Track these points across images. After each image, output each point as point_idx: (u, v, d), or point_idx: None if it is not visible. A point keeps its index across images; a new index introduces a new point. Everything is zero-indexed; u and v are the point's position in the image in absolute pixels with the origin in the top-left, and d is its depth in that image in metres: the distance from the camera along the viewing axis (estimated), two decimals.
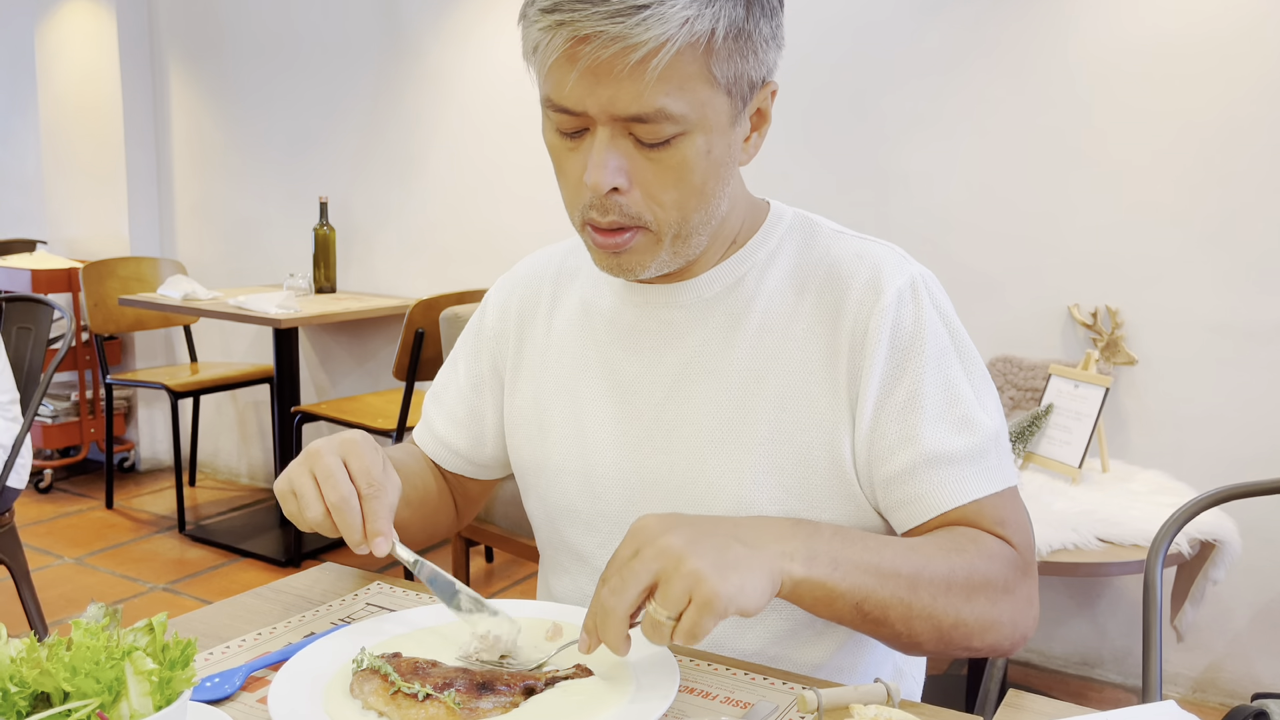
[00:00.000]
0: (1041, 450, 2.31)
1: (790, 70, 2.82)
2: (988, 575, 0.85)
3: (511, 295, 1.12)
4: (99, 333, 3.73)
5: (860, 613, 0.80)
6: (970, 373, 0.93)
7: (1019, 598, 0.88)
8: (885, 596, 0.81)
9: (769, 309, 0.96)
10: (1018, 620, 0.88)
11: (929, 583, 0.83)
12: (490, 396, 1.11)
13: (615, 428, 1.00)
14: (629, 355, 1.00)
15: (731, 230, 0.98)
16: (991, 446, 0.91)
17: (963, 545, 0.86)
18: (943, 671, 2.63)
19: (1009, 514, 0.91)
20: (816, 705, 0.69)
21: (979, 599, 0.84)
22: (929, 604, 0.82)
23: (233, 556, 3.33)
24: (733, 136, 0.89)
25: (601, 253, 0.91)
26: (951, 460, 0.90)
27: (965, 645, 0.86)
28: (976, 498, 0.90)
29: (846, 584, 0.79)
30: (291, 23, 3.78)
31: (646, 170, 0.86)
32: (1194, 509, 1.13)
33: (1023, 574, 0.89)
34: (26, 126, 4.57)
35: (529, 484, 1.08)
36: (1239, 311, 2.36)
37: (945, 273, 2.68)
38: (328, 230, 3.58)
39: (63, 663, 0.63)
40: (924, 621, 0.83)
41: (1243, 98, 2.31)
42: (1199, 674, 2.49)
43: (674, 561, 0.71)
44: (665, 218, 0.88)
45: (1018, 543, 0.90)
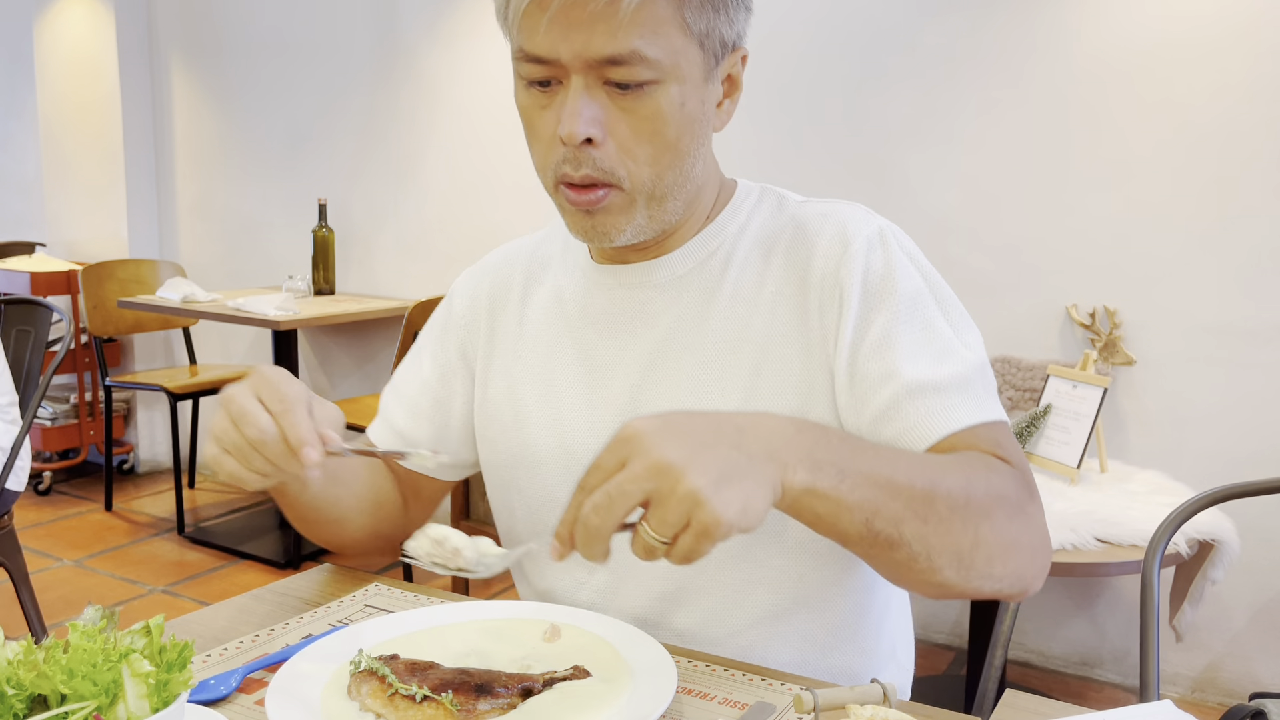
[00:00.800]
0: (1040, 451, 2.31)
1: (788, 70, 2.82)
2: (1003, 490, 0.80)
3: (480, 284, 1.09)
4: (98, 335, 3.73)
5: (870, 531, 0.73)
6: (948, 312, 0.91)
7: (1033, 521, 0.83)
8: (899, 511, 0.73)
9: (739, 279, 0.95)
10: (1036, 546, 0.82)
11: (946, 496, 0.75)
12: (459, 386, 1.08)
13: (591, 414, 0.98)
14: (603, 339, 0.98)
15: (705, 204, 0.97)
16: (977, 377, 0.88)
17: (971, 461, 0.81)
18: (941, 672, 2.63)
19: (1006, 442, 0.87)
20: (813, 705, 0.69)
21: (998, 514, 0.78)
22: (947, 520, 0.75)
23: (232, 558, 3.33)
24: (706, 94, 0.88)
25: (575, 214, 0.90)
26: (937, 389, 0.86)
27: (987, 572, 0.78)
28: (969, 424, 0.86)
29: (855, 496, 0.71)
30: (290, 25, 3.78)
31: (621, 122, 0.85)
32: (1192, 509, 1.13)
33: (1031, 497, 0.83)
34: (25, 129, 4.57)
35: (506, 478, 1.05)
36: (1237, 312, 2.36)
37: (944, 273, 2.68)
38: (326, 232, 3.58)
39: (60, 665, 0.63)
40: (942, 540, 0.75)
41: (1240, 98, 2.31)
42: (1198, 674, 2.49)
43: (670, 480, 0.64)
44: (639, 174, 0.87)
45: (1021, 469, 0.85)
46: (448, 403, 1.08)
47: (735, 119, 0.97)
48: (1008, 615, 1.04)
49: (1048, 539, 0.84)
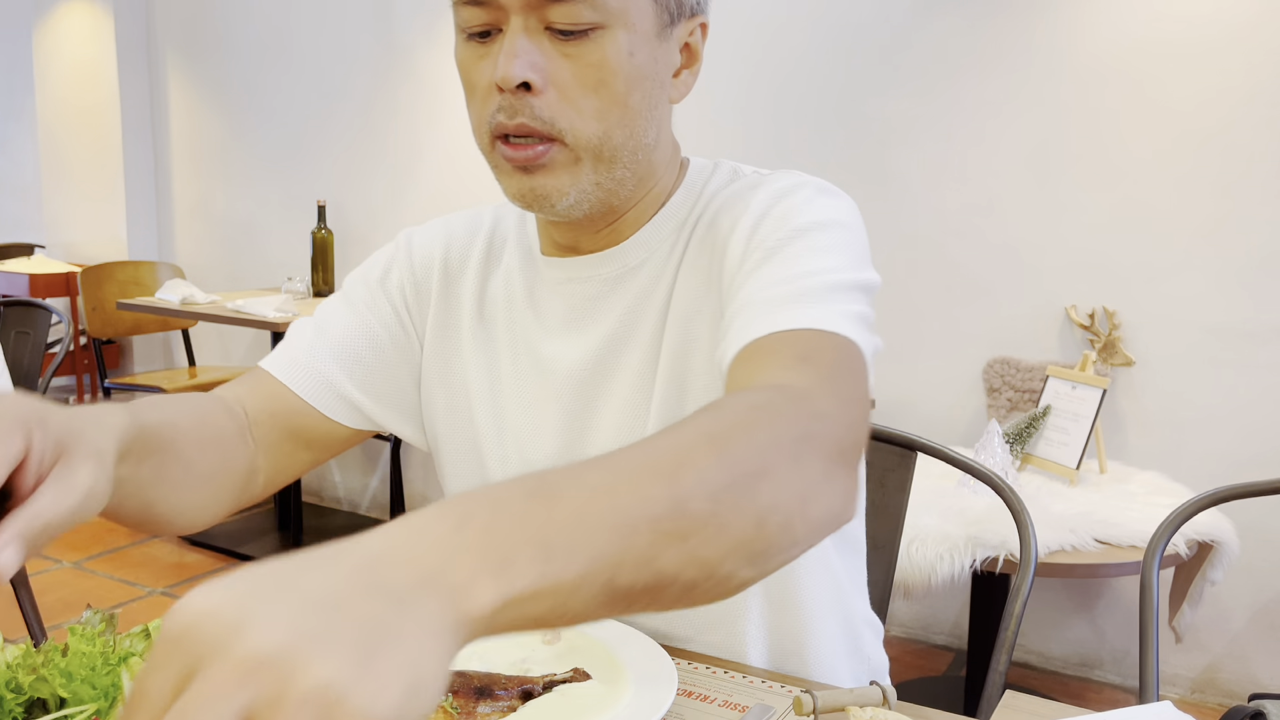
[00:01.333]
0: (1039, 451, 2.32)
1: (786, 71, 2.82)
2: (774, 428, 0.59)
3: (436, 243, 1.01)
4: (97, 337, 3.72)
5: (618, 591, 0.49)
6: (820, 240, 0.80)
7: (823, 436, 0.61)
8: (644, 547, 0.50)
9: (693, 265, 0.89)
10: (831, 457, 0.61)
11: (698, 486, 0.53)
12: (400, 337, 0.99)
13: (534, 413, 0.94)
14: (549, 338, 0.93)
15: (663, 186, 0.91)
16: (824, 293, 0.76)
17: (723, 411, 0.60)
18: (940, 673, 2.63)
19: (825, 355, 0.71)
20: (813, 708, 0.69)
21: (776, 465, 0.57)
22: (712, 516, 0.53)
23: (231, 560, 3.33)
24: (659, 52, 0.83)
25: (512, 174, 0.82)
26: (766, 302, 0.76)
27: (790, 538, 0.58)
28: (779, 329, 0.73)
29: (575, 568, 0.47)
30: (288, 28, 3.79)
31: (563, 69, 0.79)
32: (1190, 510, 1.13)
33: (812, 411, 0.63)
34: (24, 131, 4.57)
35: (450, 464, 1.00)
36: (1236, 313, 2.36)
37: (943, 274, 2.70)
38: (325, 233, 3.58)
39: (59, 669, 0.63)
40: (716, 545, 0.53)
41: (1240, 100, 2.32)
42: (1197, 674, 2.49)
43: (278, 681, 0.36)
44: (584, 129, 0.80)
45: (819, 380, 0.68)
46: (386, 351, 0.97)
47: (732, 120, 0.97)
48: (1012, 620, 1.04)
49: (848, 418, 0.65)
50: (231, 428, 0.86)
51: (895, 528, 1.23)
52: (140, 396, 4.23)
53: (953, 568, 1.92)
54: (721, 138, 2.86)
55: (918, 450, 1.20)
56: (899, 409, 2.71)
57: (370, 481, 3.77)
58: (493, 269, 0.99)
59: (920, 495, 1.27)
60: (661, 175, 0.91)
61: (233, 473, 0.85)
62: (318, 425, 0.94)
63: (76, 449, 0.60)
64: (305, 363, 0.94)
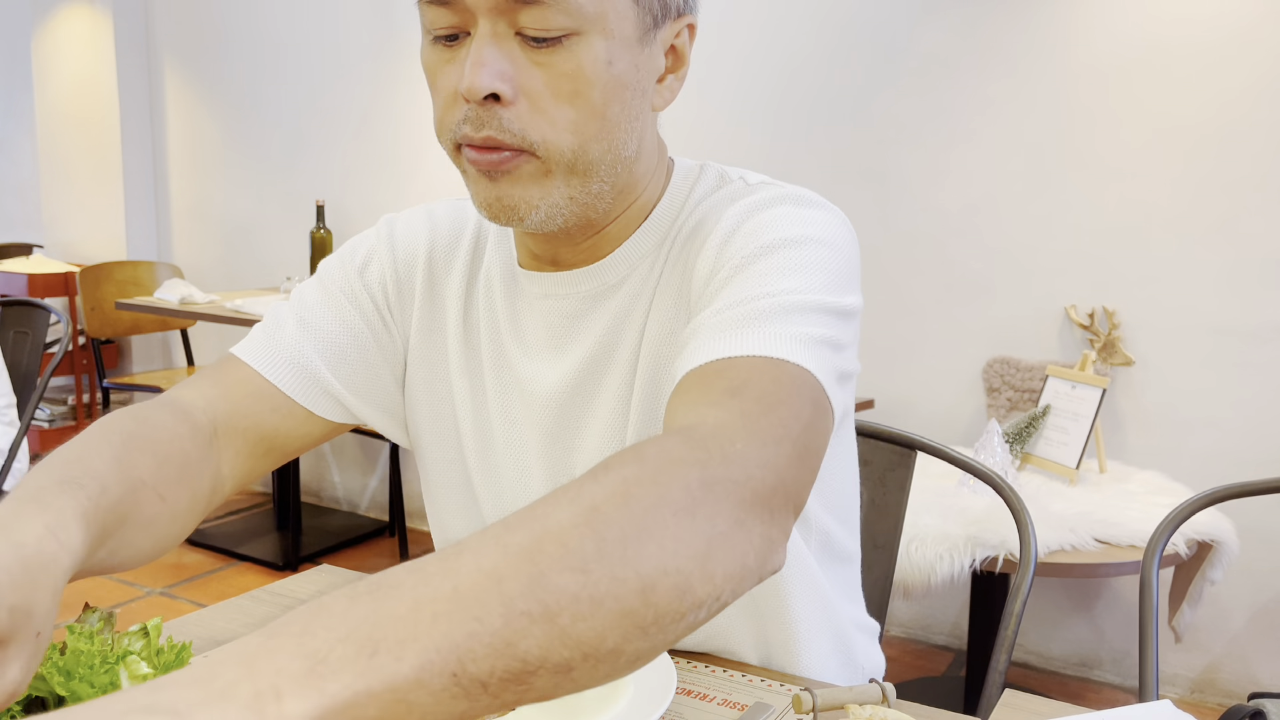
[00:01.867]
0: (1039, 451, 2.32)
1: (787, 71, 2.82)
2: (666, 484, 0.53)
3: (421, 235, 0.96)
4: (95, 337, 3.72)
5: (473, 682, 0.44)
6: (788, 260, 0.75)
7: (729, 488, 0.56)
8: (498, 624, 0.45)
9: (674, 283, 0.84)
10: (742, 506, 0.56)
11: (560, 550, 0.48)
12: (379, 329, 0.94)
13: (511, 430, 0.90)
14: (527, 358, 0.89)
15: (648, 196, 0.86)
16: (779, 315, 0.70)
17: (605, 467, 0.55)
18: (940, 673, 2.63)
19: (758, 386, 0.64)
20: (812, 706, 0.69)
21: (664, 523, 0.52)
22: (584, 582, 0.48)
23: (230, 560, 3.32)
24: (641, 59, 0.77)
25: (478, 180, 0.77)
26: (716, 326, 0.71)
27: (693, 600, 0.52)
28: (719, 357, 0.67)
29: (411, 661, 0.43)
30: (287, 27, 3.78)
31: (535, 79, 0.73)
32: (1190, 509, 1.13)
33: (722, 455, 0.57)
34: (22, 131, 4.57)
35: (431, 470, 0.97)
36: (1236, 312, 2.36)
37: (943, 274, 2.70)
38: (324, 233, 3.57)
39: (57, 667, 0.63)
40: (594, 620, 0.48)
41: (1239, 99, 2.32)
42: (1197, 674, 2.49)
43: None
44: (557, 141, 0.74)
45: (741, 417, 0.61)
46: (368, 347, 0.93)
47: (731, 121, 0.94)
48: (1012, 619, 1.03)
49: (769, 460, 0.59)
50: (195, 452, 0.80)
51: (895, 526, 1.22)
52: (139, 396, 4.21)
53: (952, 567, 1.92)
54: (716, 138, 2.86)
55: (917, 449, 1.20)
56: (898, 408, 2.71)
57: (369, 481, 3.77)
58: (476, 274, 0.94)
59: (920, 495, 1.28)
60: (645, 185, 0.86)
61: (194, 500, 0.79)
62: (295, 421, 0.89)
63: (14, 638, 0.55)
64: (287, 354, 0.89)
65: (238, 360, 0.89)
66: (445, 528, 0.99)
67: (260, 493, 4.04)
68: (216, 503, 0.84)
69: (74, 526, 0.62)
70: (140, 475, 0.72)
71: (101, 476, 0.67)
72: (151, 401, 0.83)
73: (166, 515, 0.75)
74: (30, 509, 0.61)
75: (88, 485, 0.65)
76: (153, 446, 0.75)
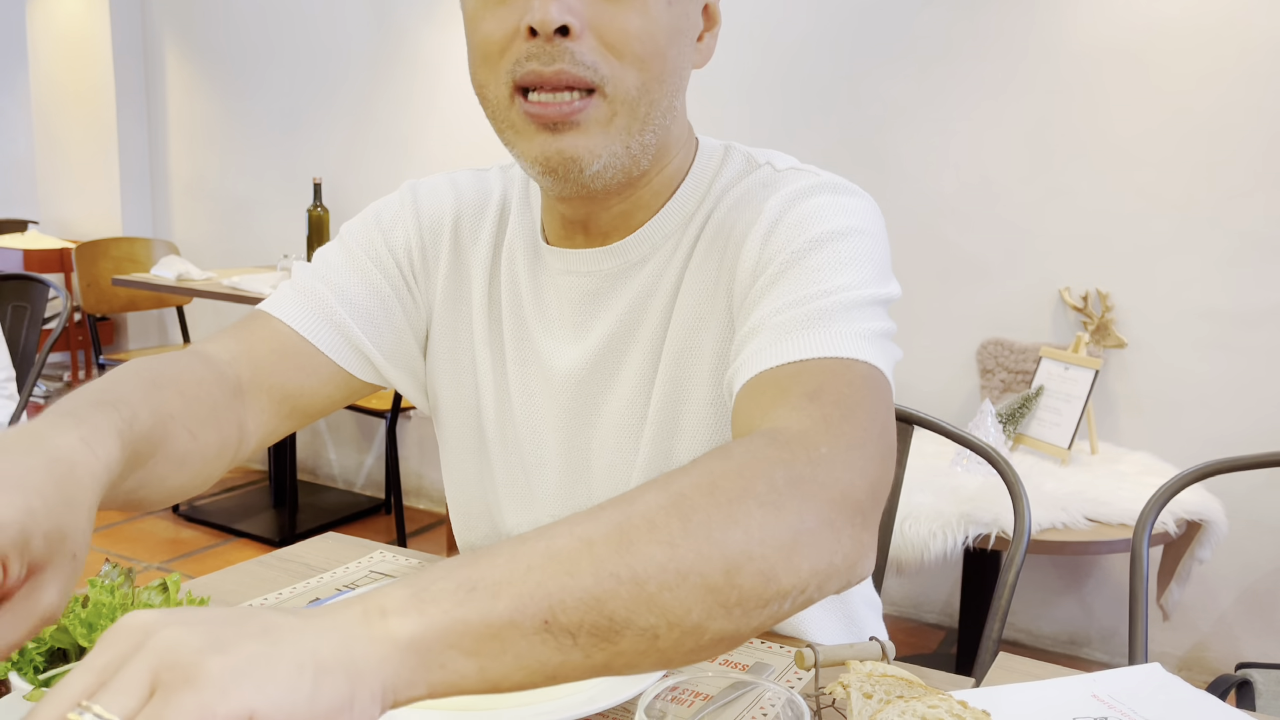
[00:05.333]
0: (1031, 432, 2.34)
1: (787, 54, 2.83)
2: (750, 476, 0.56)
3: (446, 201, 0.95)
4: (91, 313, 3.72)
5: (562, 631, 0.48)
6: (839, 253, 0.76)
7: (816, 486, 0.58)
8: (589, 580, 0.48)
9: (704, 258, 0.84)
10: (832, 506, 0.57)
11: (650, 521, 0.51)
12: (404, 295, 0.94)
13: (530, 404, 0.91)
14: (547, 334, 0.90)
15: (674, 168, 0.86)
16: (840, 313, 0.71)
17: (695, 463, 0.57)
18: (932, 650, 2.66)
19: (836, 389, 0.66)
20: (814, 662, 0.70)
21: (751, 512, 0.54)
22: (670, 556, 0.51)
23: (226, 536, 3.34)
24: (690, 7, 0.78)
25: (536, 134, 0.75)
26: (779, 327, 0.71)
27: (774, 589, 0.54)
28: (790, 360, 0.69)
29: (508, 601, 0.47)
30: (286, 3, 3.77)
31: (604, 13, 0.72)
32: (1180, 484, 1.15)
33: (808, 455, 0.59)
34: (17, 106, 4.55)
35: (453, 445, 0.97)
36: (1228, 295, 2.38)
37: (938, 256, 2.72)
38: (321, 211, 3.57)
39: (79, 619, 0.64)
40: (677, 592, 0.50)
41: (1233, 83, 2.33)
42: (1185, 652, 2.52)
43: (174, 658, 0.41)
44: (625, 80, 0.74)
45: (824, 421, 0.63)
46: (393, 310, 0.93)
47: (734, 102, 0.94)
48: (1005, 588, 1.06)
49: (855, 463, 0.61)
50: (222, 399, 0.79)
51: (891, 501, 1.24)
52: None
53: (945, 545, 1.95)
54: (723, 120, 2.86)
55: (915, 425, 1.22)
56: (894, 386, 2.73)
57: (365, 459, 3.79)
58: (500, 245, 0.93)
59: (914, 473, 1.29)
60: (676, 153, 0.86)
61: (223, 445, 0.79)
62: (319, 379, 0.88)
63: (51, 562, 0.55)
64: (319, 310, 0.88)
65: (266, 315, 0.88)
66: (462, 496, 1.00)
67: (257, 470, 4.05)
68: (242, 456, 0.83)
69: (110, 440, 0.62)
70: (170, 409, 0.71)
71: (133, 404, 0.67)
72: (177, 351, 0.83)
73: (198, 454, 0.75)
74: (66, 422, 0.61)
75: (121, 408, 0.65)
76: (180, 386, 0.75)
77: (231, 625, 0.43)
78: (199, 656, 0.40)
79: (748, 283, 0.79)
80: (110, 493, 0.65)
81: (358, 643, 0.44)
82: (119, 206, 4.12)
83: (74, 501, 0.56)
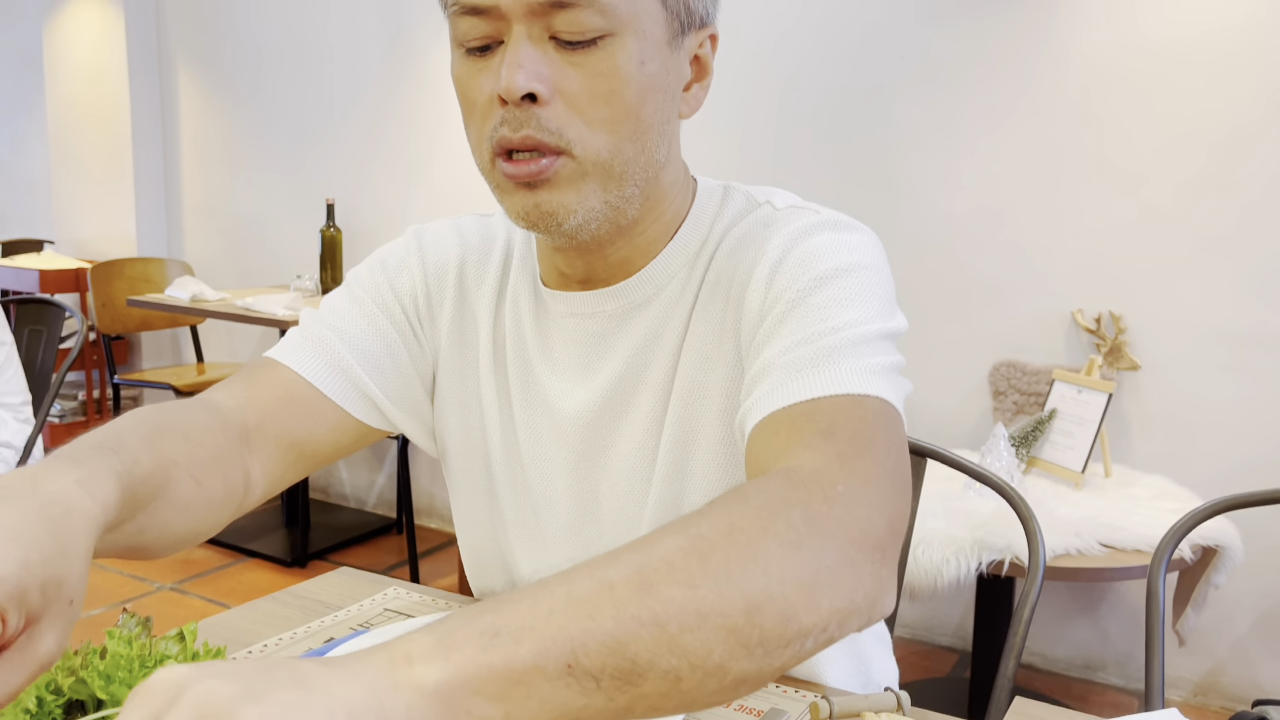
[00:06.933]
0: (1045, 455, 2.33)
1: (797, 77, 2.84)
2: (769, 513, 0.56)
3: (451, 247, 0.96)
4: (106, 333, 3.75)
5: (585, 676, 0.48)
6: (844, 290, 0.77)
7: (834, 525, 0.58)
8: (610, 624, 0.49)
9: (708, 301, 0.85)
10: (851, 544, 0.58)
11: (670, 562, 0.52)
12: (410, 341, 0.94)
13: (538, 446, 0.91)
14: (554, 375, 0.90)
15: (671, 213, 0.86)
16: (849, 350, 0.72)
17: (712, 505, 0.58)
18: (945, 674, 2.65)
19: (849, 426, 0.67)
20: (829, 713, 0.70)
21: (771, 550, 0.55)
22: (690, 596, 0.51)
23: (239, 556, 3.35)
24: (670, 63, 0.78)
25: (515, 192, 0.77)
26: (789, 366, 0.72)
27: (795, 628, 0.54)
28: (802, 399, 0.69)
29: (531, 646, 0.48)
30: (298, 24, 3.80)
31: (571, 80, 0.74)
32: (1195, 519, 1.14)
33: (824, 494, 0.60)
34: (33, 127, 4.59)
35: (461, 488, 0.98)
36: (1242, 317, 2.37)
37: (950, 277, 2.71)
38: (334, 231, 3.59)
39: (97, 671, 0.64)
40: (699, 633, 0.51)
41: (1246, 104, 2.33)
42: (1201, 677, 2.50)
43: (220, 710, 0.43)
44: (593, 142, 0.75)
45: (839, 459, 0.63)
46: (399, 355, 0.93)
47: (743, 127, 0.94)
48: (1020, 625, 1.05)
49: (873, 499, 0.61)
50: (228, 446, 0.80)
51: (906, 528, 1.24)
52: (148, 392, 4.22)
53: (958, 570, 1.94)
54: (732, 145, 2.87)
55: (928, 457, 1.22)
56: (906, 410, 2.72)
57: (377, 479, 3.79)
58: (504, 289, 0.94)
59: (927, 498, 1.29)
60: (673, 199, 0.86)
61: (229, 492, 0.80)
62: (326, 426, 0.88)
63: (48, 610, 0.55)
64: (325, 356, 0.89)
65: (274, 362, 0.89)
66: (473, 539, 1.00)
67: None
68: (249, 504, 0.84)
69: (108, 483, 0.62)
70: (173, 456, 0.72)
71: (134, 449, 0.68)
72: (182, 400, 0.84)
73: (202, 500, 0.75)
74: (63, 464, 0.61)
75: (121, 453, 0.66)
76: (184, 433, 0.75)
77: (263, 676, 0.44)
78: (234, 706, 0.42)
79: (754, 324, 0.80)
80: (111, 539, 0.66)
81: (385, 690, 0.45)
82: (134, 226, 4.15)
83: (69, 548, 0.57)
